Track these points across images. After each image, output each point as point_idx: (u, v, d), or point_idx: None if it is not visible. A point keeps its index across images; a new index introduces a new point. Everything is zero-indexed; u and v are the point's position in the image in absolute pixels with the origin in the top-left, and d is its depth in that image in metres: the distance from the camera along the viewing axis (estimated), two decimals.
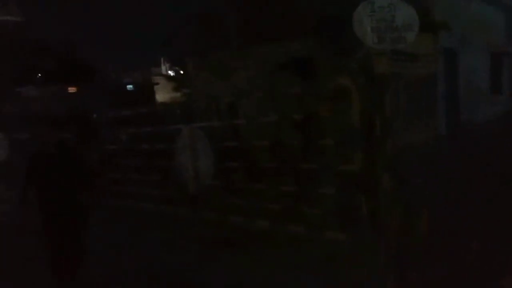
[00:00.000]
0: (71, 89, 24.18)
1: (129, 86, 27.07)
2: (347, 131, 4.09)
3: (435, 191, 5.14)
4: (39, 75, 30.17)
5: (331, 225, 4.37)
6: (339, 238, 4.30)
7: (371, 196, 3.99)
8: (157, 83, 26.86)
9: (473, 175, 6.23)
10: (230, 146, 5.26)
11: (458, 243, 4.32)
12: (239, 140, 5.11)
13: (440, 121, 8.97)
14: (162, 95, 24.95)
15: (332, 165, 4.24)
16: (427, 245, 4.15)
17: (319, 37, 5.73)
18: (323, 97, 4.27)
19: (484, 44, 11.55)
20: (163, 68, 39.47)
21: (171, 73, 31.61)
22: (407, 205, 4.18)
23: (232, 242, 5.12)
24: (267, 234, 4.94)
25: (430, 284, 3.83)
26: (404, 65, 4.38)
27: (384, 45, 3.62)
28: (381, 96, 3.91)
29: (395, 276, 3.87)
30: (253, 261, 4.63)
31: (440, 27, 8.00)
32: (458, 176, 6.13)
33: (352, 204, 4.17)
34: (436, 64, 8.32)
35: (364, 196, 4.03)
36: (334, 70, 4.24)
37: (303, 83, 4.38)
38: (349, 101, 3.97)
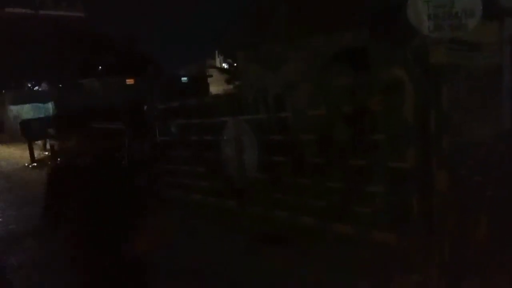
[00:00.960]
0: (129, 81, 25.09)
1: (184, 79, 27.63)
2: (400, 126, 3.83)
3: (496, 193, 4.76)
4: (100, 68, 31.59)
5: (381, 226, 4.15)
6: (389, 240, 4.07)
7: (425, 196, 3.73)
8: (211, 75, 27.27)
9: None
10: (276, 140, 5.14)
11: None
12: (286, 133, 4.97)
13: (506, 116, 8.33)
14: (216, 87, 25.30)
15: (383, 162, 4.01)
16: (486, 251, 3.84)
17: (372, 27, 5.45)
18: (375, 90, 4.03)
19: None
20: (217, 61, 39.99)
21: (224, 65, 31.98)
22: (465, 207, 3.88)
23: (276, 238, 5.03)
24: (312, 231, 4.79)
25: None
26: (465, 55, 4.06)
27: (441, 33, 3.35)
28: (438, 88, 3.63)
29: (449, 283, 3.61)
30: (297, 259, 4.52)
31: (507, 14, 7.39)
32: None
33: (404, 204, 3.92)
34: (501, 54, 7.72)
35: (417, 195, 3.77)
36: (387, 62, 3.99)
37: (354, 76, 4.16)
38: (403, 94, 3.71)
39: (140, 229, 2.46)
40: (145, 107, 7.54)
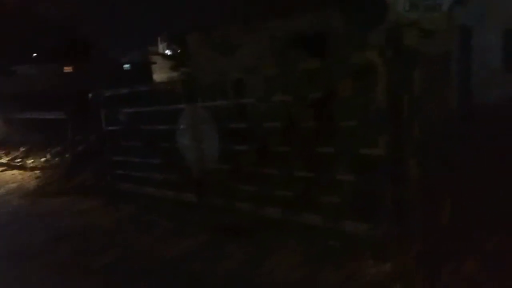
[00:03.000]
0: (67, 68, 23.65)
1: (126, 66, 26.50)
2: (372, 111, 3.68)
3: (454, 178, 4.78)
4: (35, 54, 29.51)
5: (350, 215, 4.01)
6: (359, 229, 3.94)
7: (397, 184, 3.62)
8: (154, 62, 26.34)
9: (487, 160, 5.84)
10: (238, 128, 4.86)
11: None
12: (248, 121, 4.70)
13: (454, 101, 8.56)
14: (160, 74, 24.46)
15: (353, 149, 3.85)
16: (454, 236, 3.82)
17: (339, 7, 5.28)
18: (344, 74, 3.85)
19: (501, 20, 11.08)
20: (160, 47, 38.79)
21: (168, 52, 31.11)
22: (433, 194, 3.83)
23: (240, 230, 4.79)
24: (278, 223, 4.59)
25: (456, 279, 3.51)
26: (421, 42, 3.99)
27: (417, 13, 3.21)
28: (410, 72, 3.51)
29: (422, 271, 3.54)
30: (262, 252, 4.31)
31: (457, 2, 7.53)
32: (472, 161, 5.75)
33: (374, 192, 3.79)
34: (451, 41, 7.88)
35: (389, 183, 3.65)
36: (357, 44, 3.82)
37: (321, 59, 3.95)
38: (375, 78, 3.55)
39: None
40: (90, 95, 6.96)
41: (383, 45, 3.48)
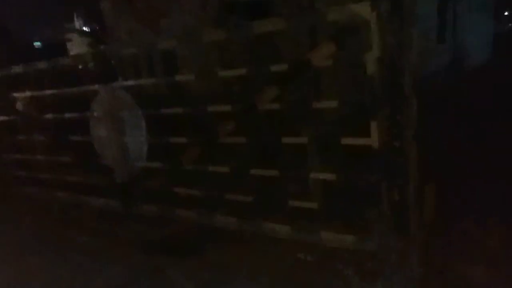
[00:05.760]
0: None
1: (37, 43, 23.76)
2: (360, 86, 2.71)
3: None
4: None
5: (331, 224, 3.07)
6: (341, 241, 3.01)
7: (394, 180, 2.70)
8: (70, 40, 23.71)
9: None
10: (174, 114, 3.66)
11: None
12: (186, 104, 3.54)
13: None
14: (77, 52, 22.12)
15: (334, 138, 2.86)
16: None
17: None
18: (320, 37, 2.82)
19: None
20: (77, 24, 35.69)
21: (85, 28, 28.57)
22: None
23: (182, 247, 3.71)
24: (234, 234, 3.55)
25: None
26: None
27: None
28: (410, 32, 2.57)
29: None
30: (211, 272, 3.28)
31: None
32: None
33: (363, 194, 2.86)
34: None
35: (383, 180, 2.73)
36: None
37: (288, 18, 2.87)
38: (365, 39, 2.56)
39: None
40: None
41: None
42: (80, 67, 5.64)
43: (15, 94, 5.19)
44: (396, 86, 2.57)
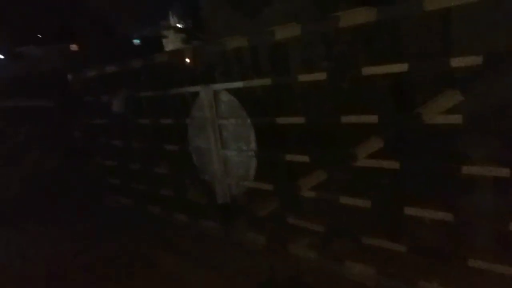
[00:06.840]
0: (74, 47, 21.89)
1: (136, 41, 24.65)
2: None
3: None
4: (40, 35, 27.81)
5: None
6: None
7: None
8: (166, 36, 24.26)
9: None
10: (291, 124, 2.85)
11: None
12: (307, 111, 2.70)
13: None
14: (171, 48, 22.51)
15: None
16: None
17: None
18: None
19: None
20: (173, 20, 36.82)
21: (179, 25, 29.22)
22: None
23: None
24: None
25: None
26: None
27: None
28: None
29: None
30: None
31: None
32: None
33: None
34: None
35: None
36: None
37: None
38: None
39: None
40: (69, 76, 5.06)
41: None
42: (175, 64, 5.08)
43: (110, 96, 4.75)
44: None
